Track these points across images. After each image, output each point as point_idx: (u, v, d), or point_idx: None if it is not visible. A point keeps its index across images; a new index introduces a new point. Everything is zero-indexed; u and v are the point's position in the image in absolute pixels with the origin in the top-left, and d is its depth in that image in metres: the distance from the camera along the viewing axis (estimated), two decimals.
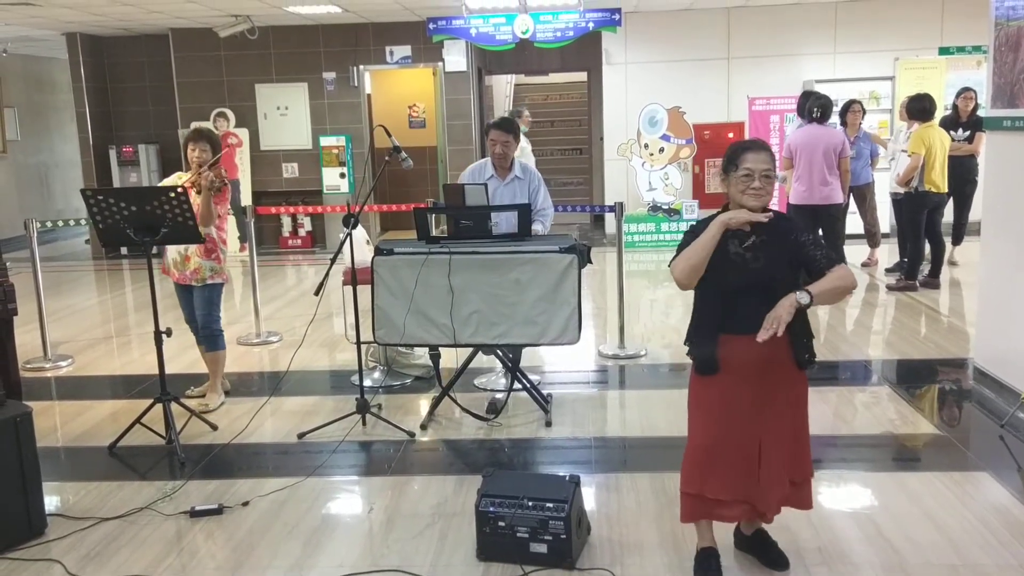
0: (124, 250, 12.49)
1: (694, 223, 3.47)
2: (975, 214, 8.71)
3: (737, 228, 3.28)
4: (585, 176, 15.98)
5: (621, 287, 7.00)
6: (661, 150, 12.07)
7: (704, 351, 3.39)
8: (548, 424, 5.38)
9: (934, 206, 8.70)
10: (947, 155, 8.57)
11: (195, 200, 5.43)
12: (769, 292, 3.28)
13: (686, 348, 3.49)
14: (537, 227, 5.80)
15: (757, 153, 3.29)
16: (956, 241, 9.74)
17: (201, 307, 5.75)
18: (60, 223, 8.59)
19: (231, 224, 8.82)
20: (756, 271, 3.30)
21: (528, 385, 5.63)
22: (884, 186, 10.34)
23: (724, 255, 3.31)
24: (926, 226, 8.70)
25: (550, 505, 3.63)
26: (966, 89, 9.61)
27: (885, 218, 10.90)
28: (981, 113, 8.69)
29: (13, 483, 3.96)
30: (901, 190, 8.69)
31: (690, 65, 12.28)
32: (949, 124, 9.24)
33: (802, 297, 3.21)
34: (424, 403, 5.85)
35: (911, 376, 6.34)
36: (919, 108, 8.56)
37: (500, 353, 5.79)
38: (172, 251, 5.69)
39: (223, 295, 5.93)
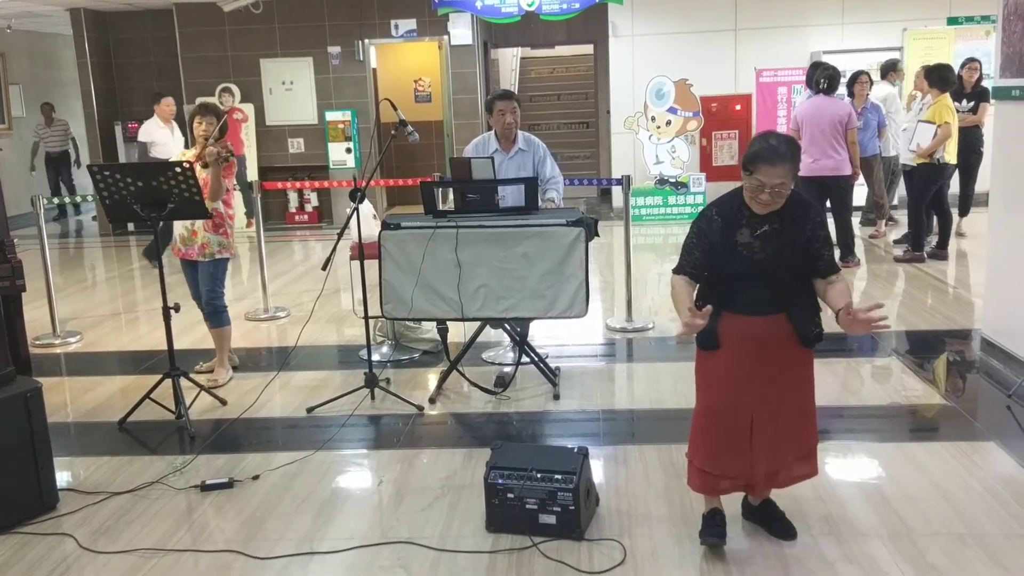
0: (131, 226, 12.50)
1: (710, 211, 3.39)
2: (982, 185, 8.69)
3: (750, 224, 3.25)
4: (592, 149, 15.93)
5: (628, 260, 7.00)
6: (668, 123, 12.01)
7: (705, 328, 3.38)
8: (556, 397, 5.39)
9: (947, 177, 8.66)
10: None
11: (201, 175, 5.42)
12: (771, 278, 3.28)
13: None
14: (552, 195, 5.82)
15: (773, 167, 3.17)
16: (963, 212, 9.69)
17: (205, 282, 5.75)
18: (67, 199, 8.61)
19: (238, 200, 8.81)
20: (760, 261, 3.29)
21: (536, 358, 5.64)
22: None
23: (731, 245, 3.30)
24: (933, 198, 8.67)
25: (559, 477, 3.64)
26: (971, 60, 9.55)
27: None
28: (989, 83, 8.62)
29: (25, 458, 3.99)
30: (913, 162, 8.63)
31: (697, 37, 12.20)
32: (953, 95, 9.18)
33: None
34: (432, 377, 5.87)
35: (919, 347, 6.33)
36: (941, 78, 8.47)
37: (508, 327, 5.80)
38: (179, 227, 5.68)
39: (229, 271, 5.94)
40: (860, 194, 9.61)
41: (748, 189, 3.26)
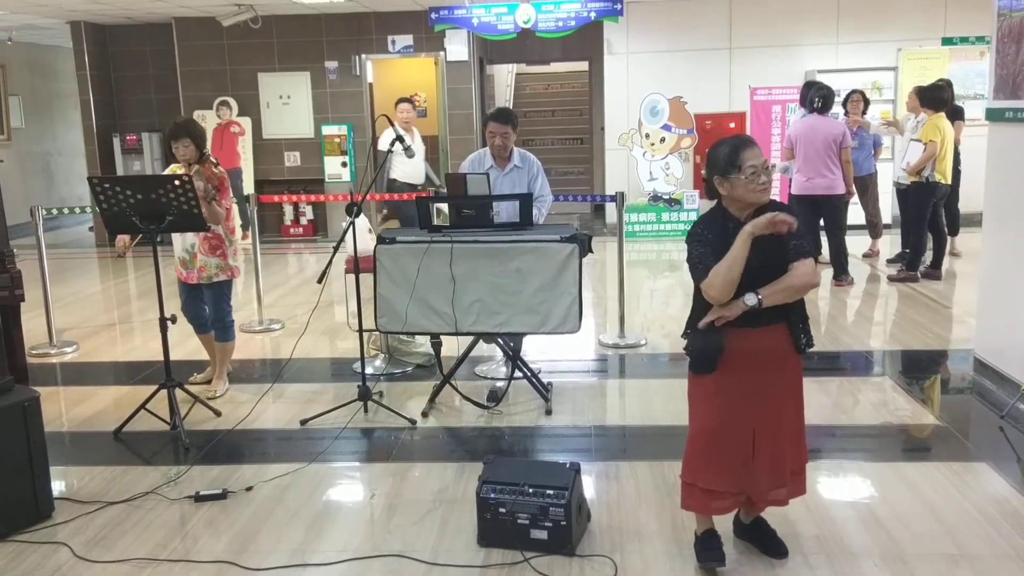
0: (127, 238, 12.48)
1: (697, 229, 3.40)
2: (972, 205, 8.72)
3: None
4: (586, 166, 15.99)
5: (621, 277, 7.03)
6: (662, 140, 12.07)
7: (708, 343, 3.37)
8: (548, 412, 5.41)
9: (941, 196, 8.71)
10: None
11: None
12: (759, 283, 3.29)
13: (684, 340, 3.50)
14: (533, 212, 5.83)
15: (752, 149, 3.28)
16: (953, 232, 9.74)
17: (212, 302, 5.78)
18: (64, 210, 8.62)
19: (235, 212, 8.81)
20: (755, 269, 3.30)
21: (529, 373, 5.66)
22: (887, 176, 10.37)
23: (724, 255, 3.31)
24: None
25: (550, 492, 3.66)
26: (940, 80, 9.61)
27: (887, 209, 10.93)
28: (983, 104, 8.68)
29: (21, 467, 4.00)
30: (906, 181, 8.68)
31: (692, 55, 12.27)
32: None
33: (749, 299, 3.23)
34: (425, 391, 5.88)
35: (912, 367, 6.36)
36: (936, 97, 8.52)
37: (501, 341, 5.82)
38: (179, 249, 5.70)
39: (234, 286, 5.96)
40: (857, 214, 9.63)
41: (746, 185, 3.26)
